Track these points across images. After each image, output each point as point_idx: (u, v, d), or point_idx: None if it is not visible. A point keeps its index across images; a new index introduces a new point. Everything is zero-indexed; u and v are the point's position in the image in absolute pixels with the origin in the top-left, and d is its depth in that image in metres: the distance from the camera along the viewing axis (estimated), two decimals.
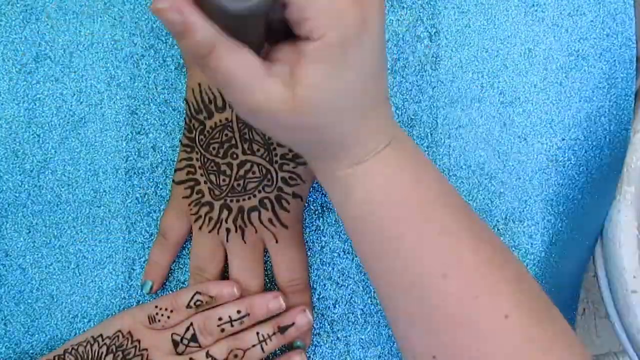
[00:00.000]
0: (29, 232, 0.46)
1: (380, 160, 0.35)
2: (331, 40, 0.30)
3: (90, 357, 0.43)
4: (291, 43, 0.31)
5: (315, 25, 0.29)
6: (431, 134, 0.47)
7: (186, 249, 0.46)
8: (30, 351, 0.46)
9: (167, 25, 0.28)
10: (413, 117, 0.47)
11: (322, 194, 0.47)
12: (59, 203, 0.46)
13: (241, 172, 0.42)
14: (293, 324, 0.44)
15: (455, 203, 0.38)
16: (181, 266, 0.46)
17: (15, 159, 0.46)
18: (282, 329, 0.43)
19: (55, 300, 0.46)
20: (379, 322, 0.47)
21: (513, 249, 0.47)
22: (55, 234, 0.46)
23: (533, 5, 0.47)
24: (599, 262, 0.55)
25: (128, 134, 0.46)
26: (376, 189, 0.35)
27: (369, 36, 0.31)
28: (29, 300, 0.46)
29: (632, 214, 0.52)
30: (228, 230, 0.43)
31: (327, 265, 0.46)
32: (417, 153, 0.37)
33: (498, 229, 0.47)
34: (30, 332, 0.46)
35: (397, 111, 0.47)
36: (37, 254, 0.46)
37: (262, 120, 0.32)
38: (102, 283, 0.46)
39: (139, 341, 0.43)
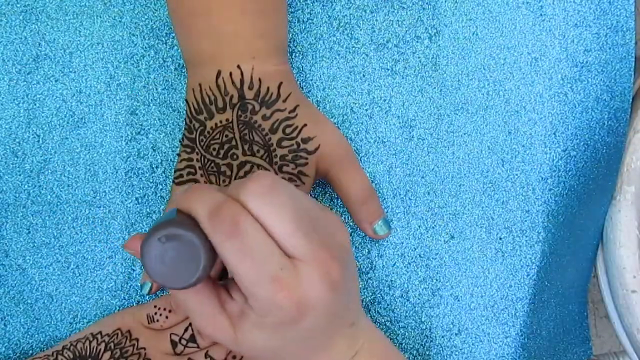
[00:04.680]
0: (29, 232, 0.46)
1: None
2: (267, 321, 0.33)
3: (88, 353, 0.43)
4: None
5: (254, 305, 0.32)
6: (431, 137, 0.47)
7: None
8: (30, 351, 0.46)
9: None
10: (414, 118, 0.47)
11: (323, 194, 0.47)
12: (58, 203, 0.46)
13: (241, 173, 0.42)
14: None
15: None
16: None
17: (15, 159, 0.46)
18: None
19: (54, 300, 0.46)
20: (379, 323, 0.47)
21: (514, 258, 0.47)
22: (55, 234, 0.46)
23: (541, 15, 0.47)
24: (599, 262, 0.55)
25: (128, 135, 0.46)
26: None
27: (309, 321, 0.33)
28: (29, 301, 0.46)
29: (632, 214, 0.52)
30: None
31: None
32: (382, 358, 0.39)
33: (500, 239, 0.47)
34: (29, 333, 0.46)
35: (397, 112, 0.47)
36: (37, 254, 0.46)
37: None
38: (101, 283, 0.46)
39: (137, 340, 0.43)
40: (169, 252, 0.30)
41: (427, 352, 0.47)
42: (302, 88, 0.47)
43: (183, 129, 0.44)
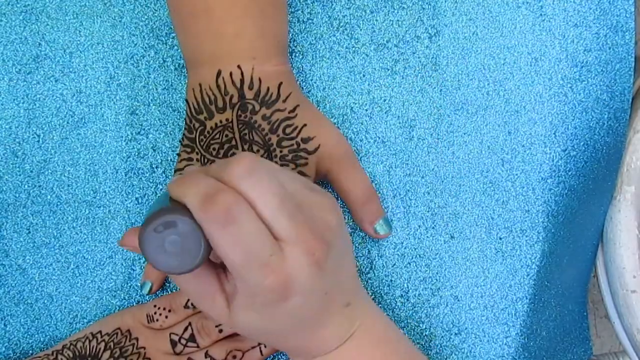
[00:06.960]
0: (29, 232, 0.46)
1: (340, 355, 0.37)
2: (256, 302, 0.33)
3: (88, 352, 0.43)
4: None
5: (242, 288, 0.33)
6: (431, 137, 0.47)
7: None
8: (30, 351, 0.46)
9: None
10: (414, 118, 0.47)
11: None
12: (58, 203, 0.46)
13: None
14: None
15: None
16: None
17: (15, 159, 0.46)
18: None
19: (54, 300, 0.46)
20: None
21: (514, 258, 0.47)
22: (55, 234, 0.46)
23: (540, 15, 0.47)
24: (599, 262, 0.55)
25: (128, 135, 0.46)
26: None
27: (296, 300, 0.33)
28: (29, 301, 0.46)
29: (632, 214, 0.52)
30: None
31: None
32: (380, 339, 0.39)
33: (500, 239, 0.47)
34: (29, 333, 0.46)
35: (397, 112, 0.47)
36: (37, 254, 0.46)
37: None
38: (101, 283, 0.46)
39: (137, 339, 0.43)
40: (168, 239, 0.30)
41: (427, 352, 0.47)
42: (302, 88, 0.47)
43: (183, 129, 0.44)
